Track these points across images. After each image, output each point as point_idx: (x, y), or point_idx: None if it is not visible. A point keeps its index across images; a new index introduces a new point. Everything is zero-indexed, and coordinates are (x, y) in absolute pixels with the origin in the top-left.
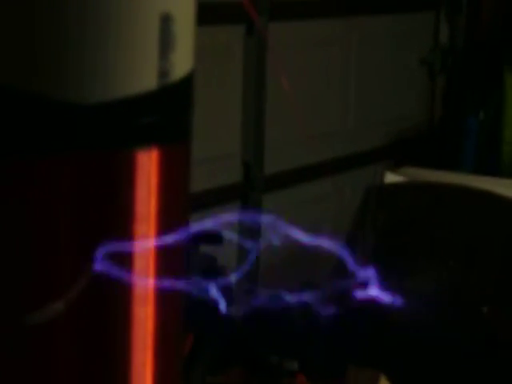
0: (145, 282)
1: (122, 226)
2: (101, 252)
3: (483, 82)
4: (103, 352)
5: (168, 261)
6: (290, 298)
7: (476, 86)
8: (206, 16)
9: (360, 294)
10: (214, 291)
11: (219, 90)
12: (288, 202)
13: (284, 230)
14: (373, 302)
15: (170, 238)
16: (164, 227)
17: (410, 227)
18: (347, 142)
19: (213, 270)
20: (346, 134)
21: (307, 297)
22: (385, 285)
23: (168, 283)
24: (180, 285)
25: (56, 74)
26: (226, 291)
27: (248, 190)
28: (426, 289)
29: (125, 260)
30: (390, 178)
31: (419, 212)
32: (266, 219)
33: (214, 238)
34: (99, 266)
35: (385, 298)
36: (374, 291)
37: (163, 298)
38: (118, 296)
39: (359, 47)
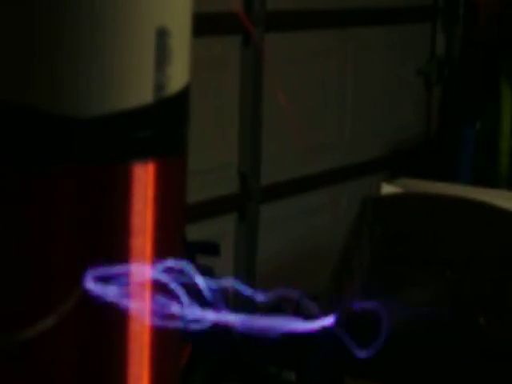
0: (141, 296)
1: (118, 239)
2: (95, 271)
3: (480, 92)
4: (99, 366)
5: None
6: (288, 310)
7: (473, 96)
8: (202, 27)
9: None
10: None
11: (216, 100)
12: (285, 212)
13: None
14: (368, 315)
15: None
16: (160, 240)
17: (406, 238)
18: (344, 153)
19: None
20: (343, 145)
21: (305, 308)
22: (381, 298)
23: (165, 296)
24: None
25: (51, 88)
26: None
27: (245, 201)
28: (423, 300)
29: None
30: (387, 189)
31: (416, 223)
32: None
33: (210, 248)
34: (94, 282)
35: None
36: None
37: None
38: (113, 310)
39: (356, 58)
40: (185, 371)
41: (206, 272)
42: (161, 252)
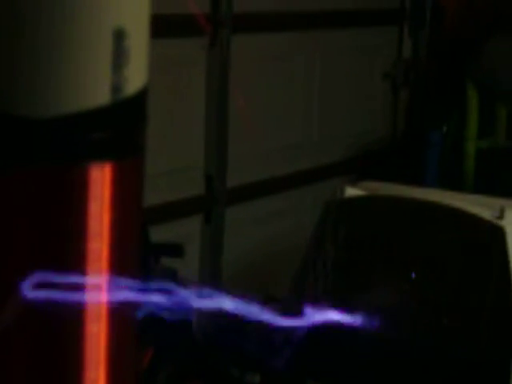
0: (97, 297)
1: (74, 241)
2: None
3: (446, 95)
4: (54, 369)
5: (122, 275)
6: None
7: (439, 99)
8: (168, 28)
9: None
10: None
11: (182, 102)
12: (250, 215)
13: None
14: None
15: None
16: (117, 242)
17: (370, 241)
18: (310, 156)
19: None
20: (309, 147)
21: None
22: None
23: (121, 298)
24: (134, 298)
25: (8, 88)
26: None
27: (210, 203)
28: (387, 301)
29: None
30: (351, 191)
31: (380, 225)
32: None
33: (175, 250)
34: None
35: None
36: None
37: (116, 313)
38: (69, 311)
39: (322, 60)
40: (147, 373)
41: (170, 274)
42: (117, 255)
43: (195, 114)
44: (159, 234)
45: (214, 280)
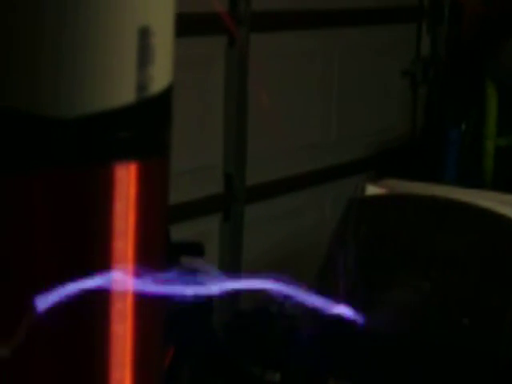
0: (123, 297)
1: (100, 241)
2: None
3: (465, 93)
4: (81, 370)
5: (147, 274)
6: (273, 310)
7: (458, 97)
8: (187, 27)
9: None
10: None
11: (201, 101)
12: (269, 213)
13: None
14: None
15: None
16: (142, 242)
17: (391, 239)
18: (329, 154)
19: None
20: (328, 145)
21: (289, 309)
22: (366, 298)
23: (147, 297)
24: (160, 297)
25: (33, 88)
26: (206, 304)
27: (230, 201)
28: (408, 300)
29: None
30: (371, 190)
31: (401, 224)
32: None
33: (195, 249)
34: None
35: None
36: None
37: (143, 313)
38: (96, 312)
39: (341, 58)
40: (168, 373)
41: (191, 272)
42: (143, 254)
43: (214, 113)
44: (178, 232)
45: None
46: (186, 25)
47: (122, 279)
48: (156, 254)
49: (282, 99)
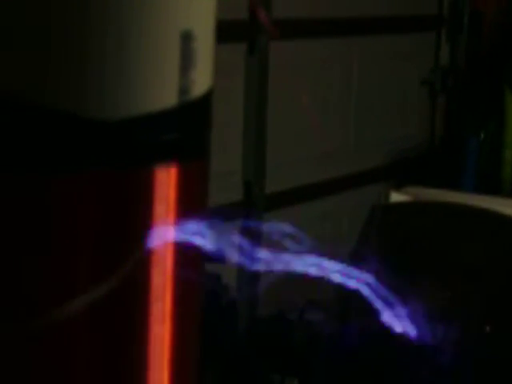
0: (162, 298)
1: (140, 243)
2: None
3: (484, 101)
4: (119, 370)
5: (184, 275)
6: (293, 317)
7: (477, 105)
8: None
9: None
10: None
11: (220, 108)
12: (289, 221)
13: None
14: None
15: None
16: (181, 244)
17: (414, 246)
18: (348, 162)
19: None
20: (347, 153)
21: (309, 315)
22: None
23: (185, 298)
24: (197, 298)
25: (77, 90)
26: (229, 309)
27: (249, 209)
28: (431, 307)
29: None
30: (395, 197)
31: (424, 231)
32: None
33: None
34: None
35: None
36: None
37: (180, 314)
38: (135, 313)
39: (360, 67)
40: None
41: (214, 280)
42: (181, 257)
43: (233, 120)
44: None
45: (252, 285)
46: None
47: (161, 281)
48: (194, 255)
49: (301, 106)
